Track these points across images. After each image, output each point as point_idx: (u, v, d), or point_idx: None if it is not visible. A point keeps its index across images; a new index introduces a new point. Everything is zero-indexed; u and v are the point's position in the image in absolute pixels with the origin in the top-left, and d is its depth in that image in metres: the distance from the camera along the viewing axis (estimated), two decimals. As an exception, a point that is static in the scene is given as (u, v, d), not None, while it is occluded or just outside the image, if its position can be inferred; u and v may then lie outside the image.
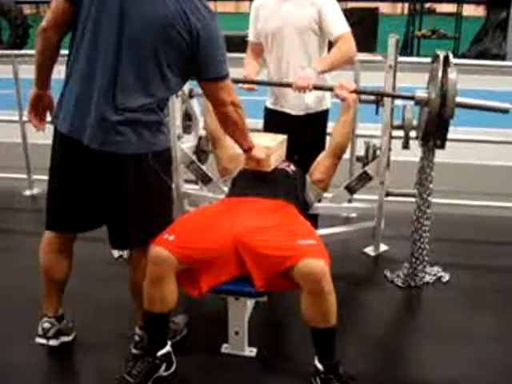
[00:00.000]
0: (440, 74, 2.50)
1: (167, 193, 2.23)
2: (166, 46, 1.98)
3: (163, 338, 2.25)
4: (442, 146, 2.64)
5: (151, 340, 2.24)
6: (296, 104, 3.08)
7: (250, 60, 3.19)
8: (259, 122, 3.23)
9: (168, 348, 2.24)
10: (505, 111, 2.62)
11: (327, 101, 3.14)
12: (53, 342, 2.33)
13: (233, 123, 2.26)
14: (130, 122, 1.99)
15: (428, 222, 2.86)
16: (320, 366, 2.12)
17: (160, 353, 2.20)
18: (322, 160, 2.86)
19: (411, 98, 2.69)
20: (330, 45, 2.98)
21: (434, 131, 2.58)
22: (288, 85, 2.85)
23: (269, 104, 3.24)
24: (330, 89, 2.87)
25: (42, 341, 2.32)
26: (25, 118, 4.25)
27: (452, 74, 2.47)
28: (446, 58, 2.54)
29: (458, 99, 2.50)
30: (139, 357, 2.21)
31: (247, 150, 2.50)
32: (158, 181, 2.13)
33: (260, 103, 3.26)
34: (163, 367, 2.20)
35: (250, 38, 3.19)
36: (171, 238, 2.15)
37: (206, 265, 2.16)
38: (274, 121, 3.18)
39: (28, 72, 4.17)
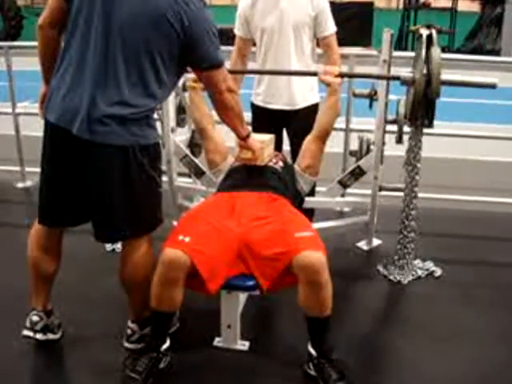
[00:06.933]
0: (423, 53, 2.48)
1: (154, 188, 2.17)
2: (157, 38, 1.97)
3: (167, 333, 2.25)
4: (430, 125, 2.63)
5: (156, 336, 2.23)
6: (288, 99, 3.09)
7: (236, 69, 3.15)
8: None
9: (168, 342, 2.25)
10: (491, 86, 2.60)
11: (316, 95, 3.17)
12: (39, 336, 2.29)
13: (229, 109, 2.25)
14: (119, 114, 1.97)
15: (413, 221, 2.87)
16: (313, 352, 2.17)
17: (163, 347, 2.21)
18: (308, 145, 2.77)
19: (397, 78, 2.67)
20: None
21: (421, 110, 2.57)
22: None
23: (258, 102, 3.22)
24: (315, 74, 2.88)
25: (29, 333, 2.29)
26: (18, 110, 4.25)
27: (435, 52, 2.45)
28: (430, 37, 2.51)
29: (443, 77, 2.48)
30: (142, 352, 2.19)
31: (244, 138, 2.45)
32: (144, 175, 2.09)
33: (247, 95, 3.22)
34: (164, 361, 2.20)
35: (239, 34, 3.16)
36: (187, 239, 2.12)
37: (214, 266, 2.13)
38: (265, 119, 3.16)
39: (21, 64, 4.18)
